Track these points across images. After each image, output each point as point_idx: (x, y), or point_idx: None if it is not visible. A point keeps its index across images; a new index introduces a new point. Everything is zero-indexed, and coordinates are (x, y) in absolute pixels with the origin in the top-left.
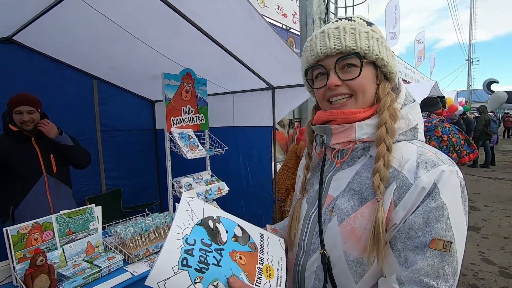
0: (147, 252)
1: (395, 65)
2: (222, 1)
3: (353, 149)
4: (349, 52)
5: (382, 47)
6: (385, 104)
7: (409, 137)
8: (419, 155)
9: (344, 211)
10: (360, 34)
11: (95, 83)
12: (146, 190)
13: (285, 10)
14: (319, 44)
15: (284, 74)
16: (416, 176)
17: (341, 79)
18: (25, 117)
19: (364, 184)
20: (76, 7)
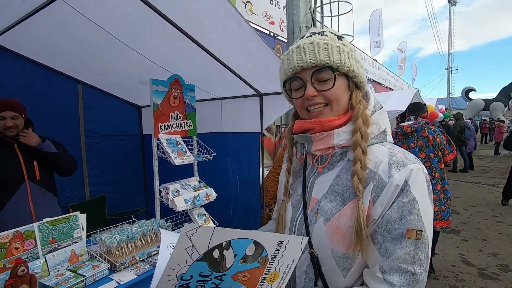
0: (134, 259)
1: (364, 75)
2: (211, 9)
3: (332, 155)
4: (323, 65)
5: (352, 59)
6: (358, 111)
7: (380, 140)
8: (391, 156)
9: (328, 211)
10: (333, 49)
11: (80, 88)
12: (131, 197)
13: (272, 18)
14: (296, 58)
15: (272, 81)
16: (389, 175)
17: (317, 90)
18: (8, 122)
19: (345, 186)
20: (62, 11)
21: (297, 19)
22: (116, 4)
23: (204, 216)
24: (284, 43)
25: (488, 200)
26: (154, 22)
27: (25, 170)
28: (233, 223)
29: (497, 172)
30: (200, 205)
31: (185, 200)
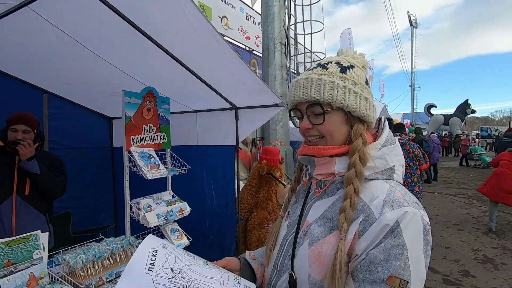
0: (101, 280)
1: (369, 108)
2: (186, 22)
3: (332, 181)
4: (314, 101)
5: (349, 94)
6: (356, 147)
7: (386, 176)
8: (388, 194)
9: (315, 236)
10: (325, 85)
11: (45, 98)
12: (99, 213)
13: (248, 33)
14: (293, 93)
15: (247, 95)
16: (381, 212)
17: (312, 123)
18: (19, 136)
19: (336, 214)
20: (29, 19)
21: (271, 35)
22: (87, 15)
23: (177, 232)
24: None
25: (450, 209)
26: (127, 33)
27: (16, 184)
28: (209, 237)
29: (457, 182)
30: (174, 220)
31: (157, 215)
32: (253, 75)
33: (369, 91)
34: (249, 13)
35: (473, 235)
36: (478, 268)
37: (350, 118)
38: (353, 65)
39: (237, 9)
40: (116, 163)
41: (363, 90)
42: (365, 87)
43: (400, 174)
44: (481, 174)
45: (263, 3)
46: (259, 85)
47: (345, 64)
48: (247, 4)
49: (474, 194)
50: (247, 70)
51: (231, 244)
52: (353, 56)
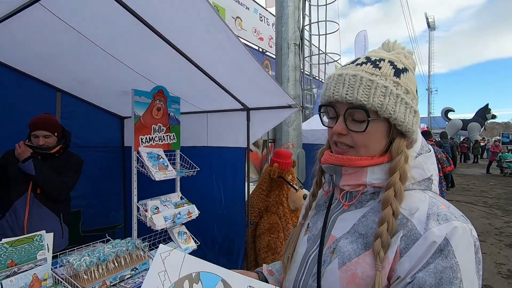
0: (104, 284)
1: (415, 122)
2: (198, 21)
3: (363, 192)
4: (360, 106)
5: (401, 104)
6: (398, 164)
7: (423, 187)
8: (431, 205)
9: (346, 254)
10: (377, 89)
11: (59, 96)
12: (109, 212)
13: (261, 34)
14: (333, 88)
15: (259, 96)
16: (426, 227)
17: (348, 128)
18: (40, 141)
19: (370, 228)
20: (41, 16)
21: (285, 36)
22: (99, 13)
23: (185, 235)
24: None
25: (469, 218)
26: (139, 32)
27: (32, 182)
28: (218, 241)
29: (477, 190)
30: (181, 223)
31: (164, 217)
32: (266, 75)
33: (417, 101)
34: (263, 14)
35: (495, 247)
36: (502, 283)
37: (393, 131)
38: (407, 68)
39: (251, 10)
40: (127, 162)
41: (413, 101)
42: (416, 97)
43: (436, 185)
44: (502, 182)
45: (277, 3)
46: (272, 86)
47: (400, 65)
48: (261, 5)
49: (495, 203)
50: (260, 70)
51: (239, 249)
52: (406, 55)
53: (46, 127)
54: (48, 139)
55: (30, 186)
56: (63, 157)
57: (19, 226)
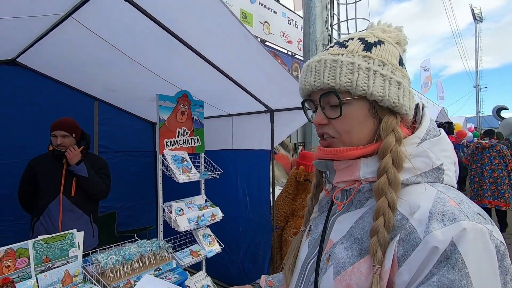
0: (128, 283)
1: (402, 95)
2: (217, 24)
3: (359, 190)
4: (329, 89)
5: (375, 78)
6: (387, 146)
7: (431, 179)
8: (436, 202)
9: (340, 262)
10: (342, 67)
11: (96, 104)
12: (142, 214)
13: (290, 37)
14: (303, 79)
15: (282, 97)
16: (427, 229)
17: (326, 117)
18: (58, 141)
19: (366, 232)
20: (74, 30)
21: (313, 36)
22: (125, 21)
23: (209, 237)
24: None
25: None
26: (162, 39)
27: (63, 185)
28: (243, 245)
29: None
30: (205, 225)
31: (188, 219)
32: (289, 75)
33: (404, 73)
34: (291, 17)
35: None
36: None
37: (376, 110)
38: (382, 40)
39: (278, 14)
40: None
41: (394, 72)
42: (398, 68)
43: (452, 175)
44: None
45: (304, 5)
46: (295, 85)
47: (371, 39)
48: (289, 8)
49: None
50: (281, 70)
51: (265, 254)
52: (384, 29)
53: (63, 127)
54: (65, 139)
55: (61, 190)
56: (87, 158)
57: (54, 227)
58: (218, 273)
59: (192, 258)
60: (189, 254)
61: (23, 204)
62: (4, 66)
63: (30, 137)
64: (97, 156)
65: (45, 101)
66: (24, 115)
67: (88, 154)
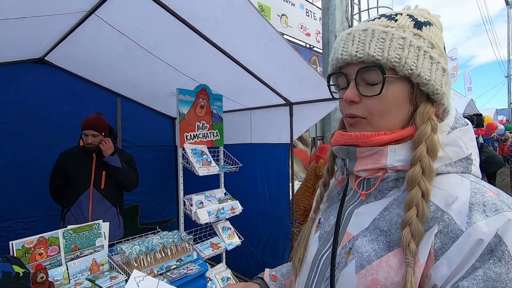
0: (152, 273)
1: (445, 83)
2: (236, 17)
3: (383, 179)
4: (372, 63)
5: (424, 59)
6: (423, 134)
7: (460, 169)
8: (474, 192)
9: (365, 255)
10: (392, 40)
11: (119, 100)
12: (164, 207)
13: (308, 30)
14: (341, 48)
15: (302, 89)
16: (469, 221)
17: (361, 94)
18: (89, 140)
19: (394, 224)
20: (97, 27)
21: (332, 28)
22: (146, 17)
23: (229, 230)
24: (321, 54)
25: None
26: (182, 33)
27: (93, 178)
28: (262, 239)
29: None
30: (225, 218)
31: (208, 212)
32: (309, 67)
33: (447, 60)
34: (310, 9)
35: None
36: None
37: (416, 94)
38: (431, 22)
39: (296, 6)
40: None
41: (441, 58)
42: (444, 54)
43: (478, 166)
44: None
45: None
46: (316, 77)
47: (420, 18)
48: (308, 0)
49: None
50: (301, 61)
51: (285, 248)
52: (429, 12)
53: (93, 127)
54: (96, 138)
55: (92, 182)
56: (121, 153)
57: (84, 218)
58: (238, 266)
59: (212, 250)
60: (209, 246)
61: (54, 196)
62: (33, 64)
63: (58, 131)
64: (123, 150)
65: (71, 97)
66: (52, 111)
67: (115, 148)
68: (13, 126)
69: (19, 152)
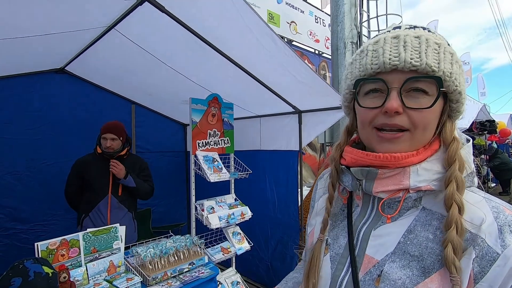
0: (165, 275)
1: (465, 101)
2: (245, 29)
3: (405, 199)
4: (427, 73)
5: (463, 78)
6: (455, 152)
7: (469, 183)
8: (495, 212)
9: (398, 282)
10: (445, 53)
11: (133, 108)
12: (175, 211)
13: (317, 36)
14: (389, 52)
15: (310, 98)
16: (503, 244)
17: (404, 105)
18: (108, 143)
19: (425, 248)
20: (116, 40)
21: (341, 35)
22: (161, 31)
23: (239, 235)
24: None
25: None
26: (194, 45)
27: (111, 185)
28: (271, 244)
29: None
30: (235, 223)
31: (219, 217)
32: (315, 76)
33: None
34: (319, 16)
35: None
36: None
37: (446, 111)
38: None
39: (305, 13)
40: (189, 166)
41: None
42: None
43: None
44: None
45: (332, 3)
46: (323, 87)
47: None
48: (317, 6)
49: None
50: (308, 71)
51: (293, 254)
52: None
53: (113, 131)
54: (114, 142)
55: (110, 190)
56: (130, 158)
57: (103, 223)
58: (247, 271)
59: (222, 254)
60: (220, 250)
61: (70, 201)
62: (54, 74)
63: (76, 138)
64: (138, 157)
65: (89, 105)
66: (71, 119)
67: (131, 155)
68: (34, 132)
69: (40, 157)
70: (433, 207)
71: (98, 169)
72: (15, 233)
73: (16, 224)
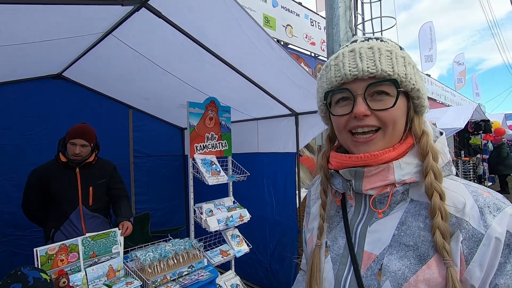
0: (165, 278)
1: (426, 98)
2: (241, 33)
3: (393, 194)
4: (384, 77)
5: (418, 76)
6: (426, 144)
7: (447, 172)
8: (474, 196)
9: (398, 273)
10: (397, 58)
11: (131, 112)
12: (173, 215)
13: (313, 39)
14: (348, 65)
15: (306, 100)
16: (485, 224)
17: (370, 108)
18: (77, 150)
19: (418, 237)
20: (113, 45)
21: (337, 38)
22: (158, 36)
23: (238, 238)
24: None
25: None
26: (191, 49)
27: (80, 195)
28: (270, 246)
29: None
30: (234, 226)
31: (218, 220)
32: (311, 79)
33: None
34: (314, 19)
35: None
36: None
37: (410, 107)
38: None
39: (301, 16)
40: (187, 169)
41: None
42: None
43: (453, 166)
44: None
45: (327, 6)
46: None
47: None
48: (312, 10)
49: None
50: (304, 74)
51: (292, 255)
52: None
53: (85, 136)
54: (84, 149)
55: (80, 200)
56: (98, 163)
57: (78, 235)
58: (246, 273)
59: (222, 257)
60: (219, 253)
61: (30, 214)
62: (51, 80)
63: None
64: (105, 161)
65: (87, 110)
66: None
67: (99, 159)
68: (32, 138)
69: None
70: (420, 198)
71: (64, 179)
72: (13, 239)
73: (15, 230)
